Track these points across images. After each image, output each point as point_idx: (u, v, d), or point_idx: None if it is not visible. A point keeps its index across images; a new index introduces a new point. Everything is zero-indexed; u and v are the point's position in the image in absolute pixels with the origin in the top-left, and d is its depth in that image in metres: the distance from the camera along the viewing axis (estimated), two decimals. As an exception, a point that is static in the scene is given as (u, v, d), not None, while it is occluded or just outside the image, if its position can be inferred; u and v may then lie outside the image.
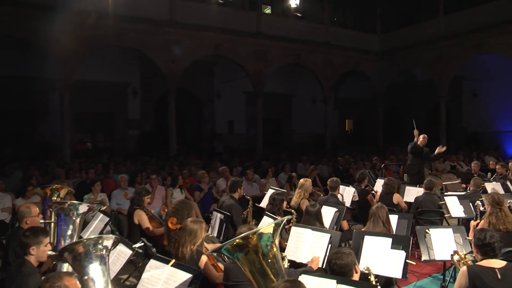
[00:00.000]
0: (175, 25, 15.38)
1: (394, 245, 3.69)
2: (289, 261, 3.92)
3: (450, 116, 20.42)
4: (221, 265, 4.02)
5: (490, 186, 8.36)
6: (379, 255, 3.71)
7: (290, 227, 4.57)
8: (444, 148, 9.37)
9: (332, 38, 19.36)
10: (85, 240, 2.75)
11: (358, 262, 3.77)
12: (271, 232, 2.31)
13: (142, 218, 5.84)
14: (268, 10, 19.85)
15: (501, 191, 8.01)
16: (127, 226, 6.44)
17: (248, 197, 6.49)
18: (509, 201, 6.34)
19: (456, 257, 3.51)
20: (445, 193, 8.34)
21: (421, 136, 9.29)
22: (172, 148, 15.83)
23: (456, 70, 18.44)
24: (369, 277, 3.15)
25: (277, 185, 9.68)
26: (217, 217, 5.99)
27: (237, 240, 2.25)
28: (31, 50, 13.68)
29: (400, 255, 3.62)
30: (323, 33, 19.18)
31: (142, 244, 4.11)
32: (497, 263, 3.19)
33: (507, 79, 17.08)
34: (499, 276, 3.10)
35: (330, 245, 3.96)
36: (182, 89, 17.08)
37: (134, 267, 5.44)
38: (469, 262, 3.41)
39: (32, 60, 14.09)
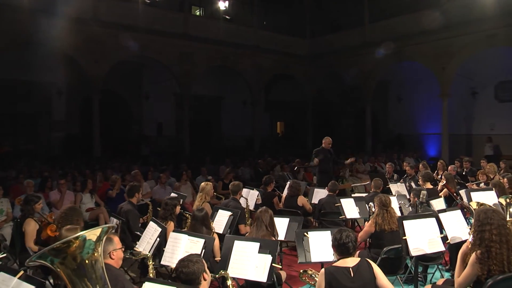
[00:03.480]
0: (98, 23, 14.85)
1: (262, 250, 3.75)
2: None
3: (377, 119, 21.29)
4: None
5: (395, 188, 8.75)
6: (247, 260, 3.75)
7: None
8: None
9: (261, 42, 19.53)
10: None
11: (227, 267, 3.80)
12: (94, 239, 2.23)
13: (29, 228, 5.56)
14: (198, 12, 19.74)
15: (405, 192, 8.41)
16: (19, 235, 6.14)
17: (149, 202, 6.39)
18: (400, 202, 6.67)
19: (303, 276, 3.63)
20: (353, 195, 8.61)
21: (327, 139, 9.47)
22: (96, 151, 15.32)
23: (381, 75, 19.27)
24: (226, 281, 3.18)
25: (192, 189, 9.63)
26: (113, 223, 5.85)
27: (56, 245, 2.14)
28: None
29: (266, 259, 3.68)
30: (252, 36, 19.29)
31: (4, 255, 3.91)
32: (351, 262, 3.35)
33: (426, 85, 18.00)
34: (352, 274, 3.27)
35: (204, 250, 3.95)
36: (108, 90, 16.60)
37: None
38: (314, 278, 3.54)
39: None
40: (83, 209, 8.35)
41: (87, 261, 2.20)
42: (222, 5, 17.36)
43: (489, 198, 6.22)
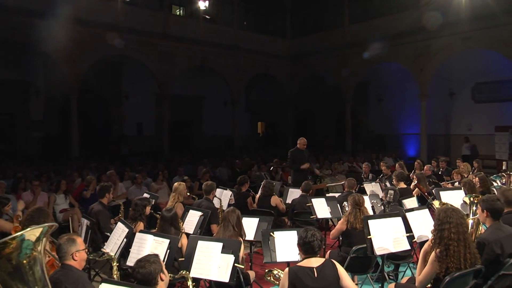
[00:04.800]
0: (77, 22, 14.64)
1: (224, 250, 3.75)
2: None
3: (358, 119, 21.47)
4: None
5: (369, 187, 8.82)
6: (210, 259, 3.75)
7: None
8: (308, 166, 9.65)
9: (242, 42, 19.58)
10: None
11: (191, 267, 3.79)
12: (33, 239, 2.15)
13: (3, 226, 5.51)
14: (178, 11, 19.67)
15: (379, 192, 8.47)
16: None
17: (120, 203, 6.34)
18: (372, 201, 6.74)
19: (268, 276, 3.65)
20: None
21: (302, 140, 9.47)
22: (74, 151, 15.15)
23: (361, 76, 19.43)
24: (187, 282, 3.18)
25: (168, 189, 9.58)
26: (84, 223, 5.77)
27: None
28: None
29: (229, 259, 3.69)
30: (232, 36, 19.33)
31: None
32: (316, 262, 3.34)
33: (406, 85, 18.20)
34: (316, 274, 3.26)
35: (169, 251, 3.95)
36: (88, 90, 16.42)
37: None
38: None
39: None
40: (57, 210, 8.28)
41: (24, 262, 2.12)
42: (202, 5, 17.33)
43: (457, 197, 6.33)
